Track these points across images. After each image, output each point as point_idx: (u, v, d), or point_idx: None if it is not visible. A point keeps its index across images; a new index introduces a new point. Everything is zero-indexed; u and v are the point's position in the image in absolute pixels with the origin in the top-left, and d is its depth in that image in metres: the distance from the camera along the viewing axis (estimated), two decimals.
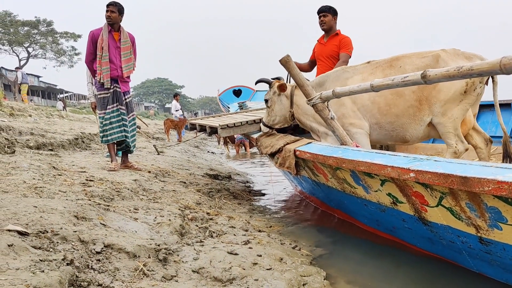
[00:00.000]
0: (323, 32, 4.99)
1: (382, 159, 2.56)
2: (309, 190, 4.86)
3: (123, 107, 5.16)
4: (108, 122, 5.08)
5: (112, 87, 5.10)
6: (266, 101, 4.53)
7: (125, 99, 5.25)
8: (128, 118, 5.24)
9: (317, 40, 5.10)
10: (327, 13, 4.83)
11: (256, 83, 4.80)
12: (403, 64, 3.72)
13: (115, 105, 5.12)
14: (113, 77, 5.09)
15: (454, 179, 2.01)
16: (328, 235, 3.73)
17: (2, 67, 37.13)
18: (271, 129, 4.60)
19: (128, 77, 5.26)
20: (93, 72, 5.19)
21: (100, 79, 5.03)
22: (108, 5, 5.03)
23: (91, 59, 5.13)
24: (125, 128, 5.17)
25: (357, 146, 3.36)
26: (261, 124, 4.70)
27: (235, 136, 12.98)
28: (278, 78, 4.70)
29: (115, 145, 5.30)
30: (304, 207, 5.00)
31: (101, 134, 5.18)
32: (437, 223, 2.52)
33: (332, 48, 4.85)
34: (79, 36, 40.01)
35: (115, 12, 5.01)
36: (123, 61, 5.11)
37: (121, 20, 5.12)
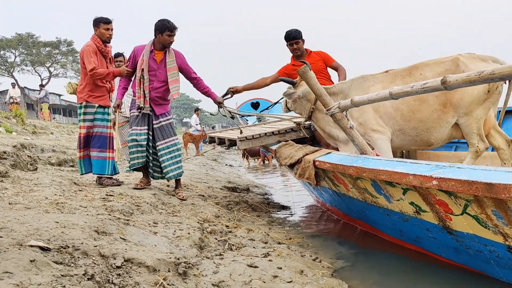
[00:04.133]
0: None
1: (403, 167, 2.51)
2: (329, 201, 4.80)
3: (151, 132, 4.73)
4: (134, 144, 4.68)
5: (142, 108, 4.68)
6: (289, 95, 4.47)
7: (158, 122, 4.75)
8: (166, 143, 4.74)
9: (292, 64, 5.07)
10: (299, 40, 4.89)
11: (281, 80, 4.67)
12: (423, 71, 3.77)
13: (145, 127, 4.72)
14: (151, 99, 4.69)
15: (478, 186, 1.95)
16: (350, 246, 3.67)
17: (25, 87, 38.08)
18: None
19: (166, 99, 4.82)
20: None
21: (140, 103, 4.63)
22: (171, 30, 4.56)
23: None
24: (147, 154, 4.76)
25: (377, 155, 3.31)
26: (285, 93, 4.53)
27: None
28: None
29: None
30: (325, 218, 4.94)
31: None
32: (463, 232, 2.45)
33: (318, 63, 4.92)
34: None
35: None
36: (170, 82, 4.66)
37: None
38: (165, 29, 4.53)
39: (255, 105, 9.79)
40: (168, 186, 5.37)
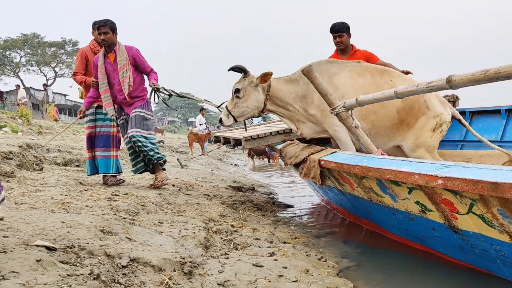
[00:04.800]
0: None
1: (408, 167, 2.51)
2: (335, 200, 4.79)
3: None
4: (132, 151, 4.80)
5: (122, 114, 4.77)
6: (238, 90, 4.18)
7: (129, 115, 4.66)
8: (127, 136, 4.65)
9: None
10: (343, 33, 4.75)
11: (230, 69, 4.26)
12: (394, 78, 4.03)
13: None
14: (120, 103, 4.70)
15: (484, 185, 1.94)
16: (355, 246, 3.66)
17: (30, 87, 38.26)
18: (235, 121, 4.32)
19: (136, 97, 4.68)
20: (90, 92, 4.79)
21: (110, 111, 4.63)
22: (98, 28, 4.42)
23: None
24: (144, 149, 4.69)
25: (382, 154, 3.30)
26: (222, 115, 4.27)
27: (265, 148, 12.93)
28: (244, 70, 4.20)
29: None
30: (330, 218, 4.93)
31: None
32: (469, 231, 2.44)
33: None
34: None
35: (108, 33, 4.43)
36: (122, 82, 4.53)
37: (116, 38, 4.57)
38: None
39: None
40: (173, 186, 5.39)
